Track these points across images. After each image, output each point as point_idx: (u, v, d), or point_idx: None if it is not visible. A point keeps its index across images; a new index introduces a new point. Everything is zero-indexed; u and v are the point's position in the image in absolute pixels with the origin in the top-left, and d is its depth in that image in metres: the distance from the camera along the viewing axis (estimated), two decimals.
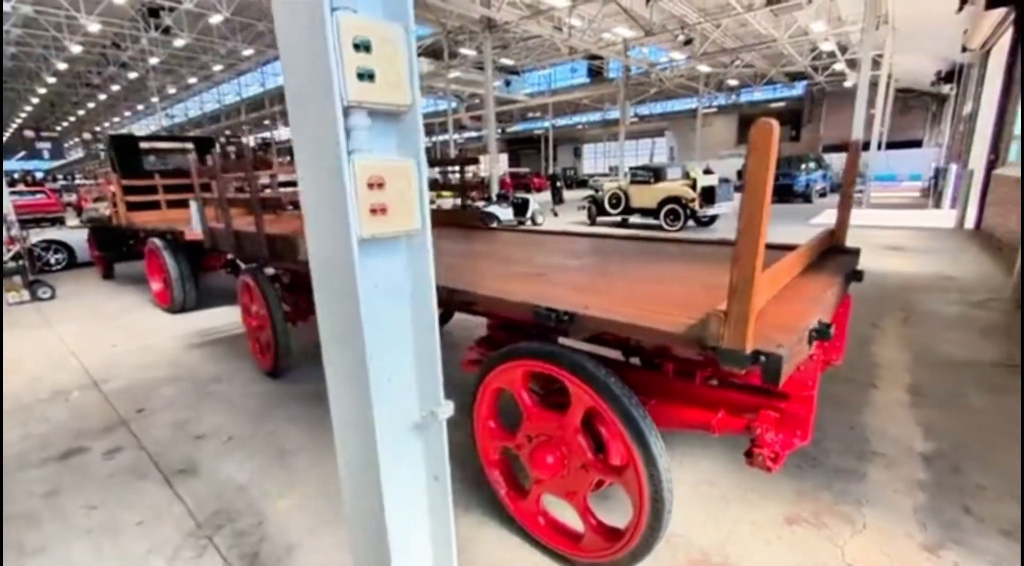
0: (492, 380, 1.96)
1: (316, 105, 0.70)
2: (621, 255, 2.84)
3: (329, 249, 0.78)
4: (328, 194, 0.74)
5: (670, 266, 2.48)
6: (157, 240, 5.49)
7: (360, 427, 0.85)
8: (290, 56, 0.73)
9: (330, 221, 0.76)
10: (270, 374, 3.71)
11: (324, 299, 0.84)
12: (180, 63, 29.04)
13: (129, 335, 4.97)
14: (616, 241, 3.43)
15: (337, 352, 0.85)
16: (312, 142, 0.74)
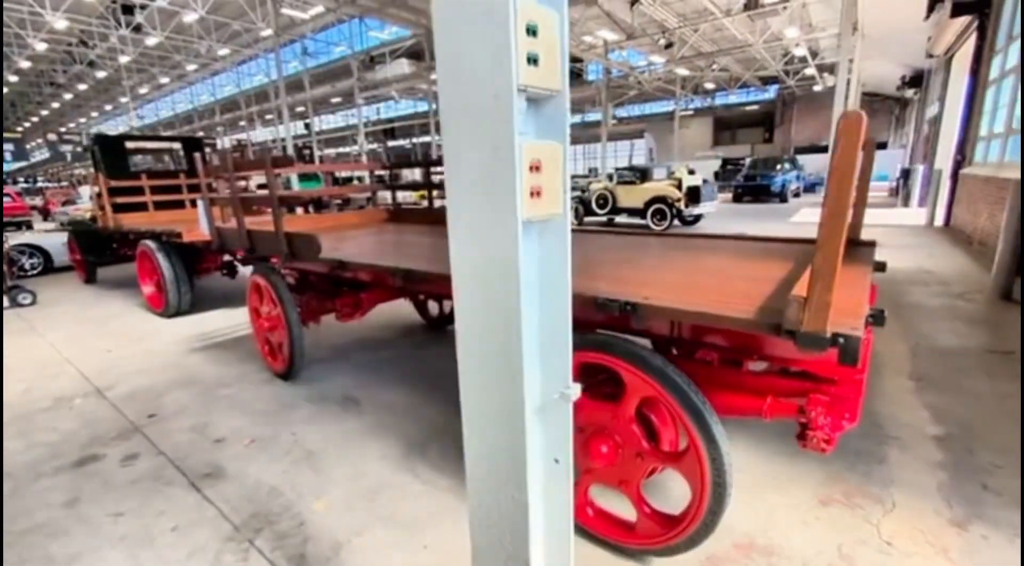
0: None
1: (488, 88, 0.71)
2: (640, 250, 2.90)
3: (487, 232, 0.79)
4: (493, 176, 0.75)
5: (694, 260, 2.54)
6: (150, 242, 5.33)
7: (503, 411, 0.86)
8: (457, 40, 0.74)
9: (492, 204, 0.77)
10: (282, 376, 3.65)
11: (472, 283, 0.84)
12: (151, 62, 28.21)
13: (123, 340, 4.81)
14: (629, 237, 3.50)
15: (481, 337, 0.86)
16: (479, 125, 0.74)
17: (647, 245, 3.03)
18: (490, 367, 0.86)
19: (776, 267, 2.23)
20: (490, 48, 0.68)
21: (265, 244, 3.22)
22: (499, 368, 0.84)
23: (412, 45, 25.87)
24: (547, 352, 0.88)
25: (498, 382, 0.85)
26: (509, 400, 0.84)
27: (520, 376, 0.82)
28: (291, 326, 3.32)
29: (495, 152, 0.73)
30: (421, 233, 4.04)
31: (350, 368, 3.88)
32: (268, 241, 3.17)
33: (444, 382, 3.55)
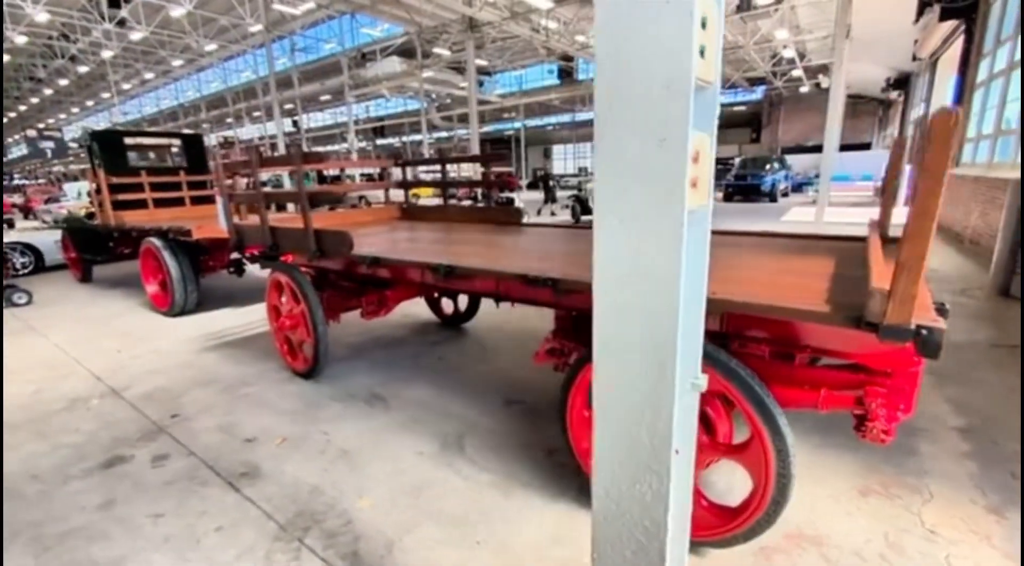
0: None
1: (660, 79, 0.71)
2: None
3: (648, 223, 0.79)
4: (658, 167, 0.75)
5: (729, 257, 2.58)
6: (156, 240, 5.23)
7: (645, 402, 0.86)
8: (626, 29, 0.74)
9: (656, 194, 0.77)
10: (303, 375, 3.61)
11: (623, 274, 0.84)
12: (135, 57, 27.62)
13: (131, 340, 4.72)
14: None
15: (628, 327, 0.86)
16: (646, 116, 0.74)
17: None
18: (634, 358, 0.87)
19: (812, 262, 2.27)
20: (668, 38, 0.69)
21: (291, 241, 3.18)
22: (645, 358, 0.85)
23: (403, 43, 25.71)
24: (694, 340, 0.89)
25: (642, 372, 0.86)
26: (655, 391, 0.85)
27: (672, 366, 0.83)
28: (316, 324, 3.28)
29: (662, 143, 0.74)
30: (439, 230, 4.03)
31: (369, 366, 3.86)
32: (295, 238, 3.13)
33: (467, 378, 3.55)
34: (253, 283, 6.95)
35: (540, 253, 2.90)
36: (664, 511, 0.87)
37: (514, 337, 4.38)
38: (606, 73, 0.78)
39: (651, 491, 0.87)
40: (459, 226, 4.23)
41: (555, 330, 2.51)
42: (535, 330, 4.48)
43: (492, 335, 4.47)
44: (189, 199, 6.96)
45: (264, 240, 3.34)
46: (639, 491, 0.88)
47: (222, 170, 3.48)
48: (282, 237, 3.25)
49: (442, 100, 36.15)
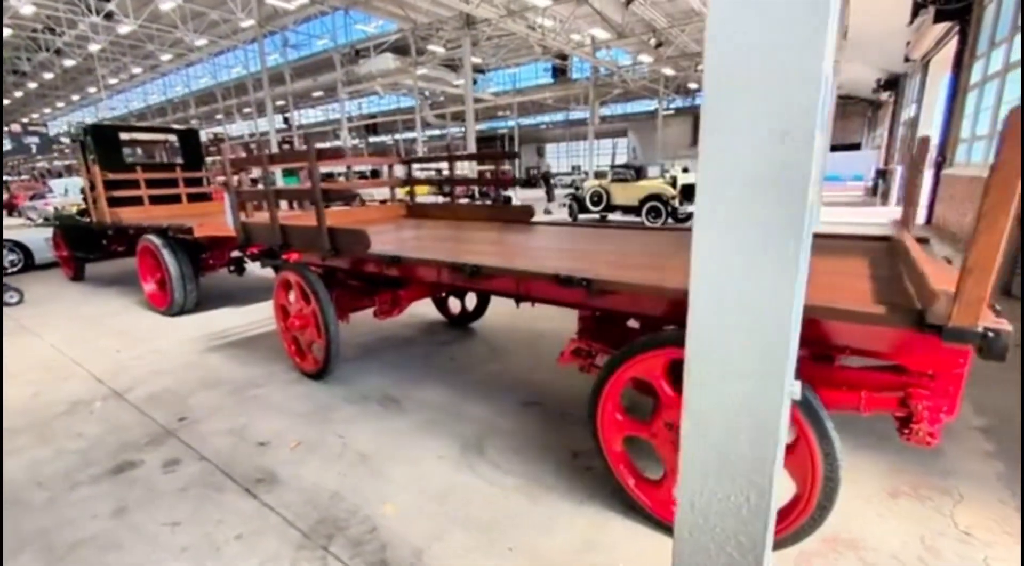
0: (626, 370, 1.95)
1: (787, 73, 0.66)
2: (683, 246, 2.91)
3: (763, 221, 0.74)
4: (778, 165, 0.71)
5: None
6: (154, 238, 5.11)
7: (744, 411, 0.82)
8: (748, 19, 0.69)
9: (773, 194, 0.72)
10: (313, 376, 3.53)
11: (729, 275, 0.80)
12: (123, 51, 27.11)
13: (130, 340, 4.60)
14: (662, 233, 3.52)
15: (731, 336, 0.81)
16: (767, 111, 0.69)
17: (677, 241, 3.04)
18: (737, 366, 0.82)
19: (840, 262, 2.25)
20: (799, 29, 0.64)
21: (303, 239, 3.10)
22: (750, 367, 0.80)
23: (397, 39, 25.50)
24: (791, 346, 0.85)
25: (746, 381, 0.81)
26: (759, 400, 0.81)
27: (781, 375, 0.78)
28: (328, 324, 3.21)
29: (783, 137, 0.69)
30: (449, 228, 3.97)
31: (380, 367, 3.79)
32: (307, 236, 3.06)
33: (480, 379, 3.50)
34: (253, 282, 6.84)
35: (560, 252, 2.85)
36: (763, 526, 0.83)
37: (524, 337, 4.33)
38: (722, 65, 0.72)
39: (748, 504, 0.83)
40: (468, 224, 4.17)
41: (580, 331, 2.47)
42: (544, 330, 4.44)
43: (501, 335, 4.41)
44: (185, 196, 6.82)
45: (274, 238, 3.26)
46: (733, 504, 0.84)
47: (230, 166, 3.39)
48: (293, 235, 3.17)
49: (435, 97, 35.96)
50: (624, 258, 2.63)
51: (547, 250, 2.94)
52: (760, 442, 0.81)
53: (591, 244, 3.08)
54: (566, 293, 2.13)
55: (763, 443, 0.81)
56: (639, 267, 2.39)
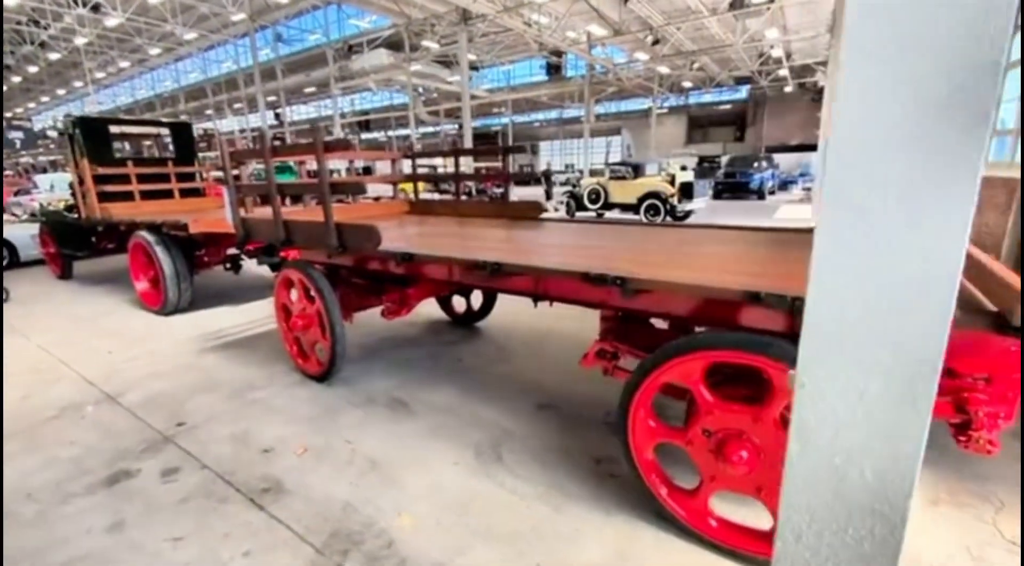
0: (661, 374, 1.84)
1: (953, 60, 0.55)
2: (712, 242, 2.81)
3: (916, 212, 0.63)
4: (938, 134, 0.59)
5: (786, 251, 2.46)
6: (147, 235, 4.92)
7: (876, 430, 0.71)
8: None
9: (931, 175, 0.61)
10: (317, 378, 3.39)
11: (859, 276, 0.69)
12: (110, 45, 26.58)
13: (122, 341, 4.42)
14: (672, 229, 3.43)
15: (865, 342, 0.70)
16: (937, 61, 0.57)
17: (713, 237, 2.93)
18: (866, 377, 0.71)
19: None
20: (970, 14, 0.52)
21: (308, 236, 2.96)
22: (885, 379, 0.69)
23: (391, 35, 25.23)
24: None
25: (879, 395, 0.71)
26: (894, 418, 0.70)
27: (928, 390, 0.67)
28: (333, 325, 3.07)
29: (951, 100, 0.58)
30: (455, 224, 3.84)
31: (385, 367, 3.66)
32: (312, 232, 2.91)
33: (491, 381, 3.38)
34: (249, 280, 6.66)
35: (577, 248, 2.74)
36: (891, 564, 0.72)
37: (532, 337, 4.22)
38: (871, 51, 0.60)
39: (872, 538, 0.72)
40: (474, 221, 4.05)
41: (603, 332, 2.36)
42: (552, 330, 4.33)
43: (508, 335, 4.30)
44: (178, 192, 6.62)
45: (276, 235, 3.11)
46: (851, 538, 0.74)
47: (229, 159, 3.24)
48: (297, 232, 3.03)
49: (428, 94, 35.70)
50: (644, 255, 2.53)
51: (562, 247, 2.82)
52: (890, 467, 0.70)
53: (605, 240, 2.97)
54: (594, 292, 2.01)
55: (894, 468, 0.71)
56: (661, 264, 2.28)
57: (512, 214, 4.11)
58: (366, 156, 4.51)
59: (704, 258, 2.40)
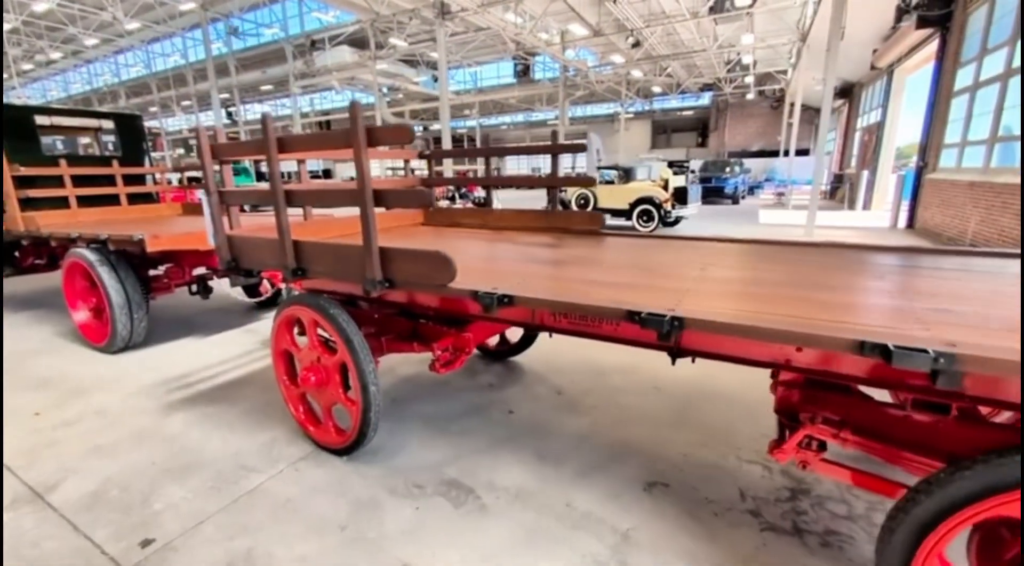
0: (990, 506, 1.14)
1: None
2: (798, 263, 2.20)
3: None
4: None
5: (853, 277, 1.87)
6: (87, 252, 3.87)
7: None
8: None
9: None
10: (337, 451, 2.53)
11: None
12: (39, 33, 24.02)
13: (55, 395, 3.37)
14: (708, 243, 2.82)
15: None
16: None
17: (756, 255, 2.32)
18: None
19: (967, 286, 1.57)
20: None
21: (335, 264, 2.11)
22: None
23: (355, 31, 24.04)
24: None
25: None
26: None
27: None
28: (365, 383, 2.24)
29: None
30: (499, 241, 3.06)
31: (419, 428, 2.83)
32: (342, 260, 2.07)
33: (566, 443, 2.62)
34: (216, 301, 5.61)
35: (730, 282, 2.01)
36: None
37: (586, 373, 3.49)
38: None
39: None
40: (517, 236, 3.29)
41: (790, 403, 1.65)
42: (603, 361, 3.61)
43: (557, 372, 3.55)
44: (125, 196, 5.50)
45: (284, 261, 2.24)
46: None
47: (209, 155, 2.34)
48: (317, 257, 2.16)
49: (392, 95, 34.50)
50: (808, 289, 1.82)
51: (707, 280, 2.09)
52: None
53: (725, 265, 2.28)
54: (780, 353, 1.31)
55: None
56: (848, 307, 1.57)
57: (562, 226, 3.37)
58: (380, 156, 3.69)
59: (802, 288, 1.75)
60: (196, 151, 2.39)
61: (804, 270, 2.12)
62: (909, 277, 1.96)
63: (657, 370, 3.51)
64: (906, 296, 1.65)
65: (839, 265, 2.22)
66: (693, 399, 3.14)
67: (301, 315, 2.44)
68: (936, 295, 1.66)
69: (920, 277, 1.96)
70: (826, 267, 2.17)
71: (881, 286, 1.82)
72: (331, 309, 2.28)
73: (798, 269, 2.15)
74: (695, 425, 2.83)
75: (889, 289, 1.76)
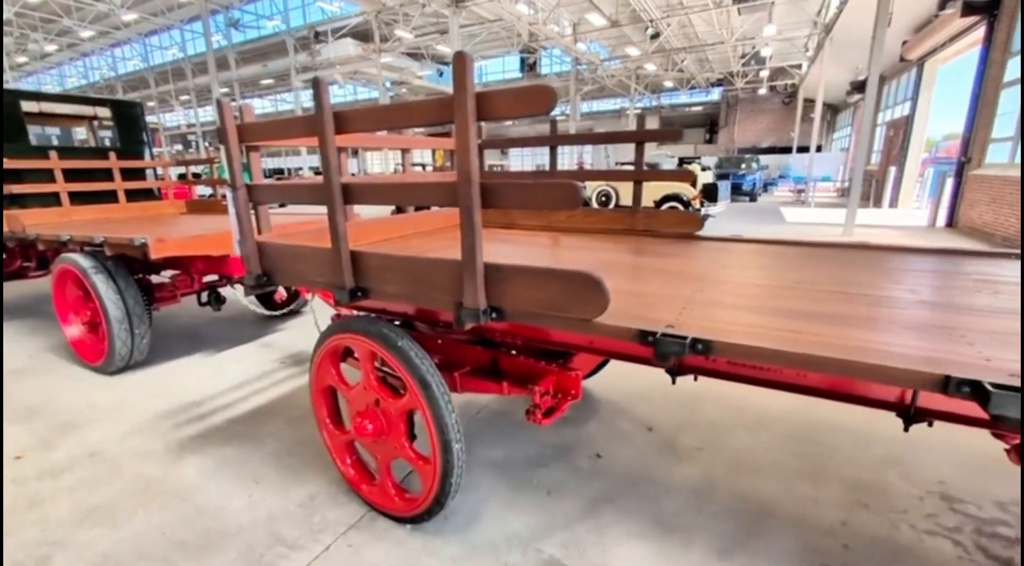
0: None
1: None
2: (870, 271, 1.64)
3: None
4: None
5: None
6: (79, 258, 3.30)
7: None
8: None
9: None
10: (402, 520, 1.97)
11: None
12: (33, 25, 23.34)
13: (42, 430, 2.81)
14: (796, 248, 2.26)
15: None
16: None
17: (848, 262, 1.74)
18: None
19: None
20: None
21: (412, 283, 1.54)
22: None
23: (358, 24, 23.42)
24: None
25: None
26: None
27: None
28: (446, 437, 1.68)
29: None
30: (580, 245, 2.50)
31: (496, 480, 2.27)
32: (422, 279, 1.50)
33: (683, 501, 2.06)
34: (225, 312, 5.04)
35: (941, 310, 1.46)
36: None
37: (672, 404, 2.93)
38: None
39: None
40: (595, 238, 2.74)
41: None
42: (681, 388, 3.06)
43: (636, 401, 2.99)
44: (124, 193, 4.94)
45: (337, 277, 1.68)
46: None
47: (235, 137, 1.78)
48: (383, 274, 1.60)
49: (396, 90, 33.88)
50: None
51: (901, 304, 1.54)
52: None
53: (883, 280, 1.72)
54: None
55: None
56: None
57: (648, 228, 2.81)
58: (422, 144, 3.15)
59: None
60: (217, 135, 1.83)
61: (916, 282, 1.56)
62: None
63: (746, 397, 2.96)
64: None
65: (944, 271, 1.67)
66: (809, 436, 2.59)
67: (355, 346, 1.87)
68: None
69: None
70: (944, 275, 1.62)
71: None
72: (400, 340, 1.72)
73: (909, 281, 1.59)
74: (833, 476, 2.28)
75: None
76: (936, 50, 13.84)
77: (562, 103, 32.12)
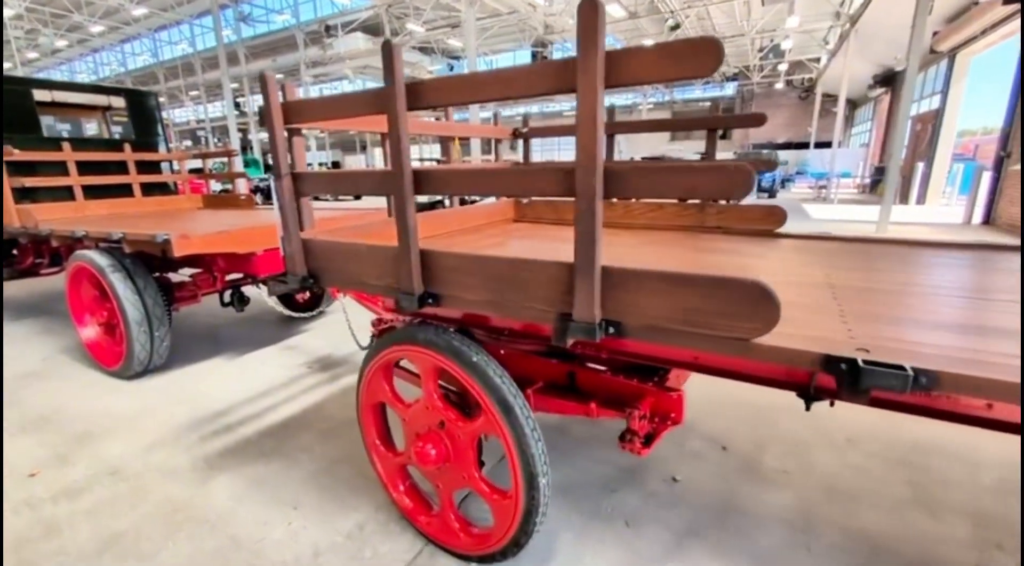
0: None
1: None
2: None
3: None
4: None
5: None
6: (96, 255, 3.07)
7: None
8: None
9: None
10: (479, 559, 1.71)
11: None
12: (44, 21, 23.27)
13: (56, 442, 2.59)
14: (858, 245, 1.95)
15: None
16: None
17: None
18: None
19: None
20: None
21: (501, 289, 1.28)
22: None
23: (368, 18, 23.17)
24: None
25: None
26: None
27: None
28: (531, 469, 1.42)
29: None
30: (641, 243, 2.23)
31: (565, 508, 2.01)
32: (515, 283, 1.24)
33: (778, 533, 1.79)
34: (246, 312, 4.80)
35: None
36: None
37: (743, 416, 2.66)
38: None
39: None
40: (659, 236, 2.46)
41: None
42: (748, 397, 2.78)
43: (698, 411, 2.72)
44: (139, 187, 4.72)
45: (403, 280, 1.42)
46: None
47: (280, 118, 1.52)
48: (464, 278, 1.34)
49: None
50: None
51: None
52: None
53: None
54: None
55: None
56: None
57: (721, 224, 2.53)
58: (472, 131, 2.90)
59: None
60: (260, 117, 1.57)
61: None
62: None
63: (823, 408, 2.67)
64: None
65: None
66: (907, 458, 2.31)
67: (416, 359, 1.61)
68: None
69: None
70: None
71: None
72: (474, 355, 1.46)
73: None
74: (949, 507, 2.00)
75: None
76: (969, 41, 13.35)
77: (570, 99, 31.68)
